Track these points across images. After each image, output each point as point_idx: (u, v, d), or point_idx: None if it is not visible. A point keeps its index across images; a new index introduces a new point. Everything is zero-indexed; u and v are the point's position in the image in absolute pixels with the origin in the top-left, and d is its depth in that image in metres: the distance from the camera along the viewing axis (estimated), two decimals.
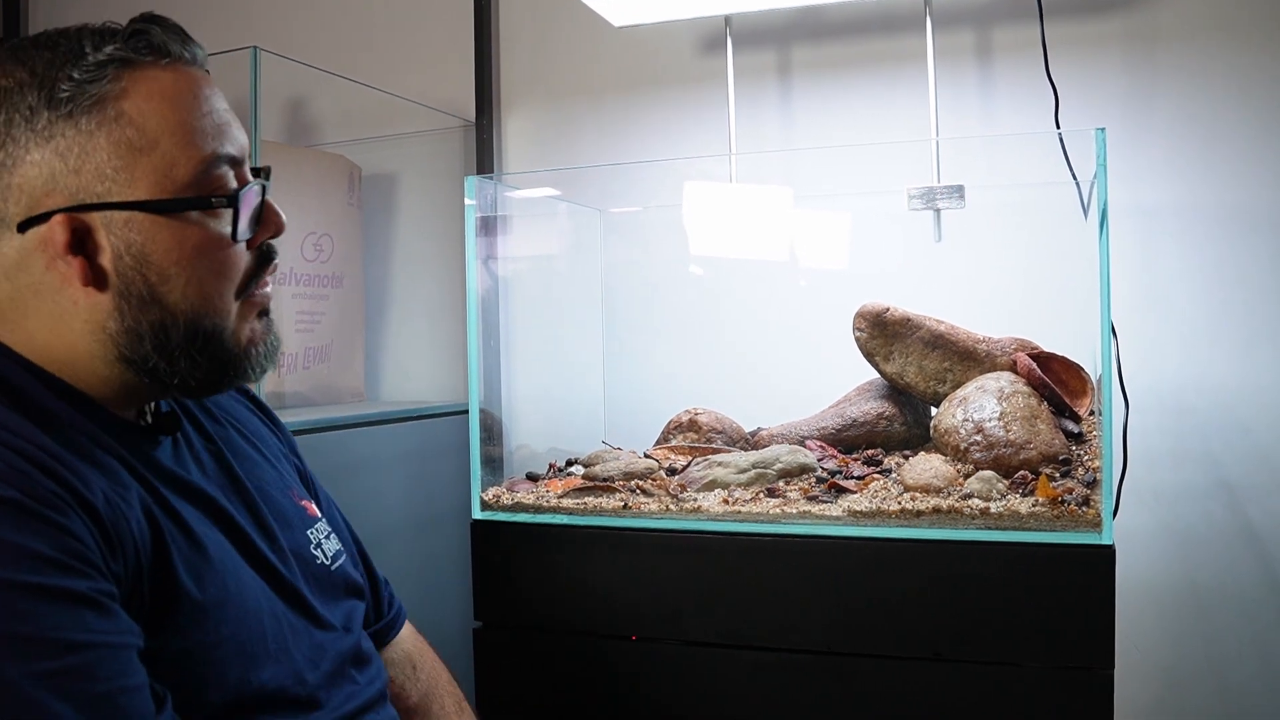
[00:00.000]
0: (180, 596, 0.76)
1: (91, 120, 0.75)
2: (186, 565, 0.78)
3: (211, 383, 0.84)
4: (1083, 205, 1.59)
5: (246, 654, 0.79)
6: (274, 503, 0.94)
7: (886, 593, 1.31)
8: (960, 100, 1.82)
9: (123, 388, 0.82)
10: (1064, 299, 1.63)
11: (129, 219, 0.76)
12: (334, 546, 1.00)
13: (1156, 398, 1.70)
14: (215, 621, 0.78)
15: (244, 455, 0.95)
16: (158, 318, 0.78)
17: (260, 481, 0.94)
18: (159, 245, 0.77)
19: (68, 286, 0.77)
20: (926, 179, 1.68)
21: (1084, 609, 1.22)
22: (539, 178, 2.08)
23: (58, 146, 0.75)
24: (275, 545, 0.90)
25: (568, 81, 2.12)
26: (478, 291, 1.63)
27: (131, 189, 0.76)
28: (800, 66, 1.94)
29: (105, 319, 0.78)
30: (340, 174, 2.05)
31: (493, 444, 1.70)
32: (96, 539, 0.70)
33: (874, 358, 1.61)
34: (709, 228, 1.85)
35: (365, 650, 0.97)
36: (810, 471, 1.50)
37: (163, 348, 0.79)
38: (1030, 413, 1.42)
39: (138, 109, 0.77)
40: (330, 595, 0.95)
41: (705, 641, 1.39)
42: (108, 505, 0.72)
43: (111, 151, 0.76)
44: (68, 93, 0.75)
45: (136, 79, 0.77)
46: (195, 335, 0.80)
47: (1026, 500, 1.30)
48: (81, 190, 0.76)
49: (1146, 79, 1.72)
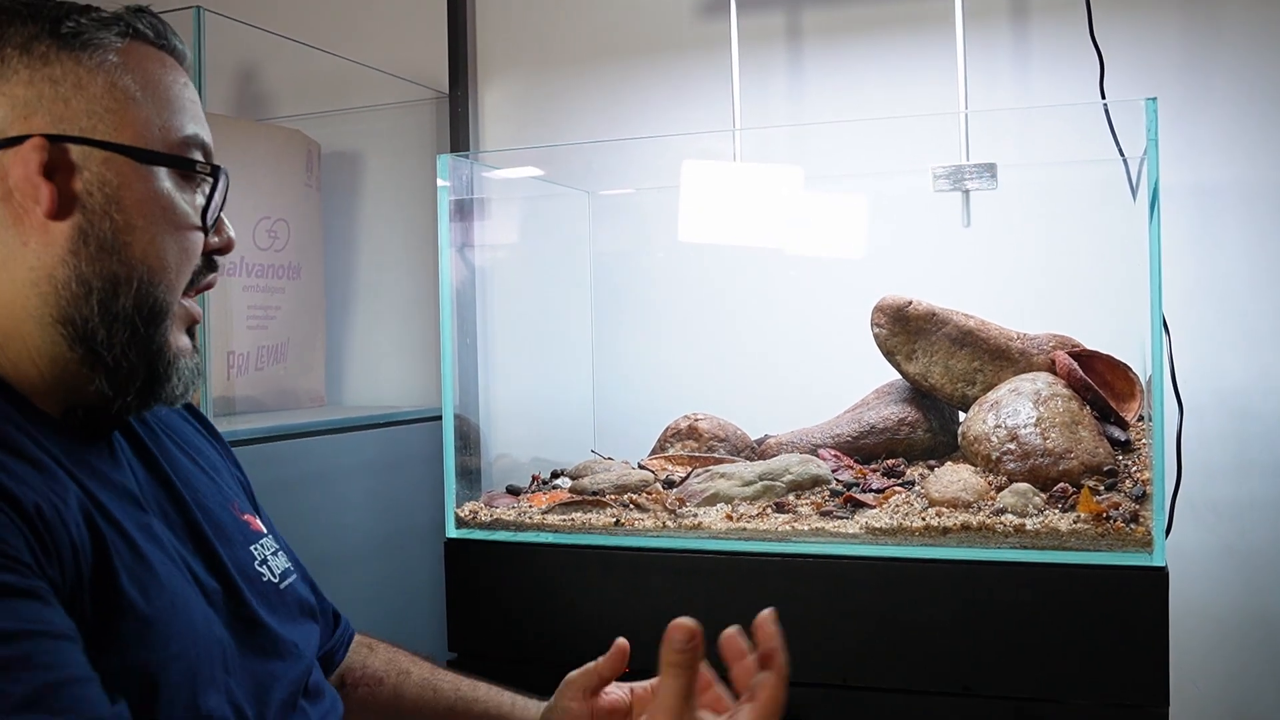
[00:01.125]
0: (125, 608, 0.76)
1: (93, 59, 0.83)
2: (130, 576, 0.77)
3: (136, 379, 0.84)
4: (1131, 185, 1.58)
5: (195, 677, 0.79)
6: (212, 516, 0.94)
7: (909, 619, 1.30)
8: (992, 67, 1.81)
9: (51, 366, 0.82)
10: (1109, 290, 1.62)
11: (108, 159, 0.82)
12: (281, 564, 1.00)
13: (1215, 401, 1.70)
14: (163, 638, 0.78)
15: (179, 465, 0.96)
16: (112, 269, 0.82)
17: (197, 494, 0.94)
18: (133, 193, 0.83)
19: (19, 224, 0.80)
20: (954, 157, 1.68)
21: (1133, 639, 1.22)
22: (520, 156, 2.08)
23: (52, 73, 0.81)
24: (215, 562, 0.90)
25: (552, 49, 2.11)
26: (452, 283, 1.63)
27: (117, 133, 0.82)
28: (812, 31, 1.93)
29: (55, 264, 0.80)
30: (297, 151, 2.04)
31: (469, 454, 1.69)
32: (29, 542, 0.70)
33: (895, 357, 1.61)
34: (710, 212, 1.85)
35: (317, 683, 0.97)
36: (823, 484, 1.50)
37: (107, 308, 0.82)
38: (1071, 418, 1.42)
39: (139, 67, 0.85)
40: (283, 616, 0.95)
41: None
42: (44, 506, 0.72)
43: (106, 92, 0.82)
44: (73, 29, 0.82)
45: (137, 46, 0.86)
46: (143, 303, 0.83)
47: (1067, 516, 1.29)
48: (65, 120, 0.81)
49: (1205, 43, 1.72)
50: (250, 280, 1.93)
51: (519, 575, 1.48)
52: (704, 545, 1.41)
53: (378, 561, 1.87)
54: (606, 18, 2.07)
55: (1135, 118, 1.31)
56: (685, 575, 1.40)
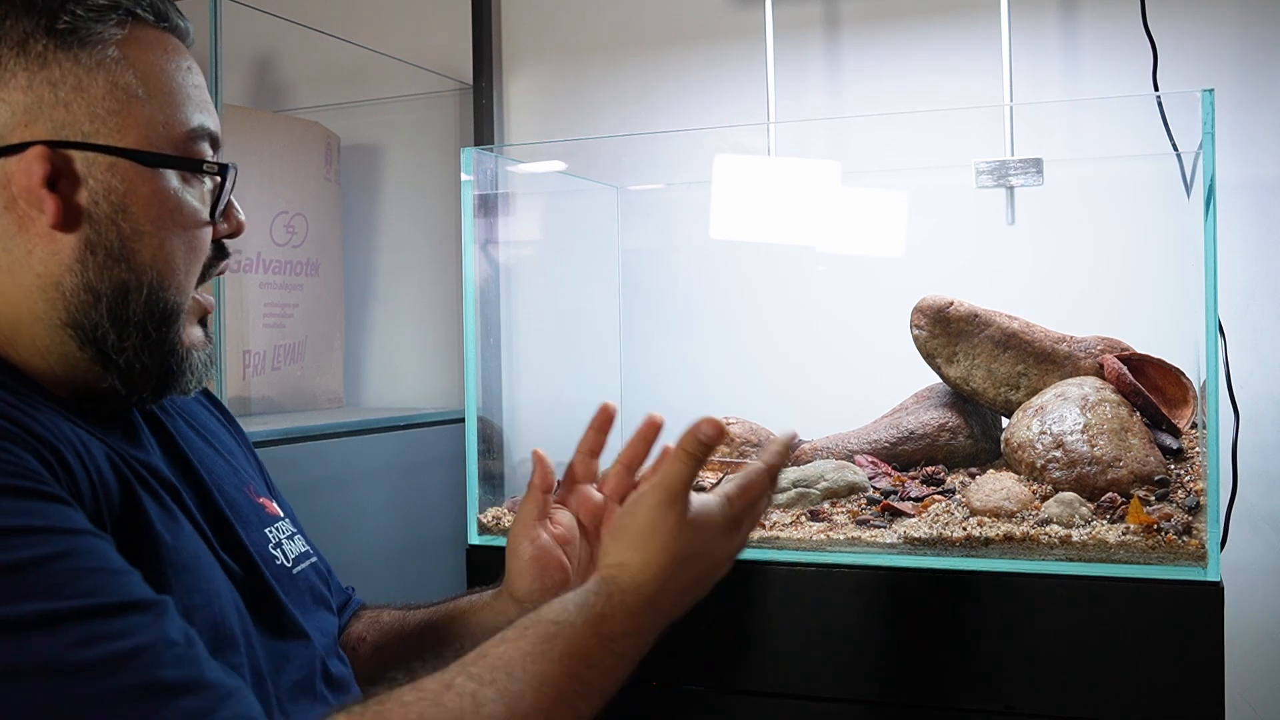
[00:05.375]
0: (157, 547, 0.78)
1: (92, 57, 0.81)
2: (161, 521, 0.80)
3: (150, 378, 0.86)
4: (1185, 181, 1.57)
5: (215, 631, 0.80)
6: (228, 497, 0.95)
7: (949, 634, 1.30)
8: (1040, 58, 1.80)
9: (60, 361, 0.83)
10: (1161, 291, 1.61)
11: (113, 164, 0.81)
12: (297, 548, 1.02)
13: (1273, 408, 1.68)
14: (188, 586, 0.79)
15: (195, 447, 0.97)
16: (121, 278, 0.82)
17: (213, 475, 0.96)
18: (139, 198, 0.82)
19: (24, 231, 0.80)
20: (998, 151, 1.67)
21: (1186, 658, 1.21)
22: (546, 149, 2.08)
23: (51, 76, 0.80)
24: (234, 540, 0.91)
25: (580, 38, 2.12)
26: (475, 281, 1.63)
27: (121, 135, 0.82)
28: (850, 20, 1.93)
29: (62, 273, 0.81)
30: (316, 144, 2.05)
31: (492, 458, 1.70)
32: (55, 471, 0.72)
33: (935, 360, 1.60)
34: (743, 208, 1.85)
35: (343, 677, 0.97)
36: (860, 491, 1.49)
37: (117, 315, 0.82)
38: (1120, 424, 1.40)
39: (140, 59, 0.83)
40: (295, 600, 0.96)
41: (738, 689, 1.39)
42: (64, 449, 0.74)
43: (108, 92, 0.81)
44: (69, 24, 0.80)
45: (138, 32, 0.84)
46: (154, 308, 0.84)
47: (1115, 527, 1.29)
48: (67, 126, 0.80)
49: (1264, 33, 1.70)
50: (267, 277, 1.94)
51: None
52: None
53: (397, 569, 1.88)
54: (636, 6, 2.07)
55: (1190, 110, 1.30)
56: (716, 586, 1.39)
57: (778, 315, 1.95)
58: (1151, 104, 1.62)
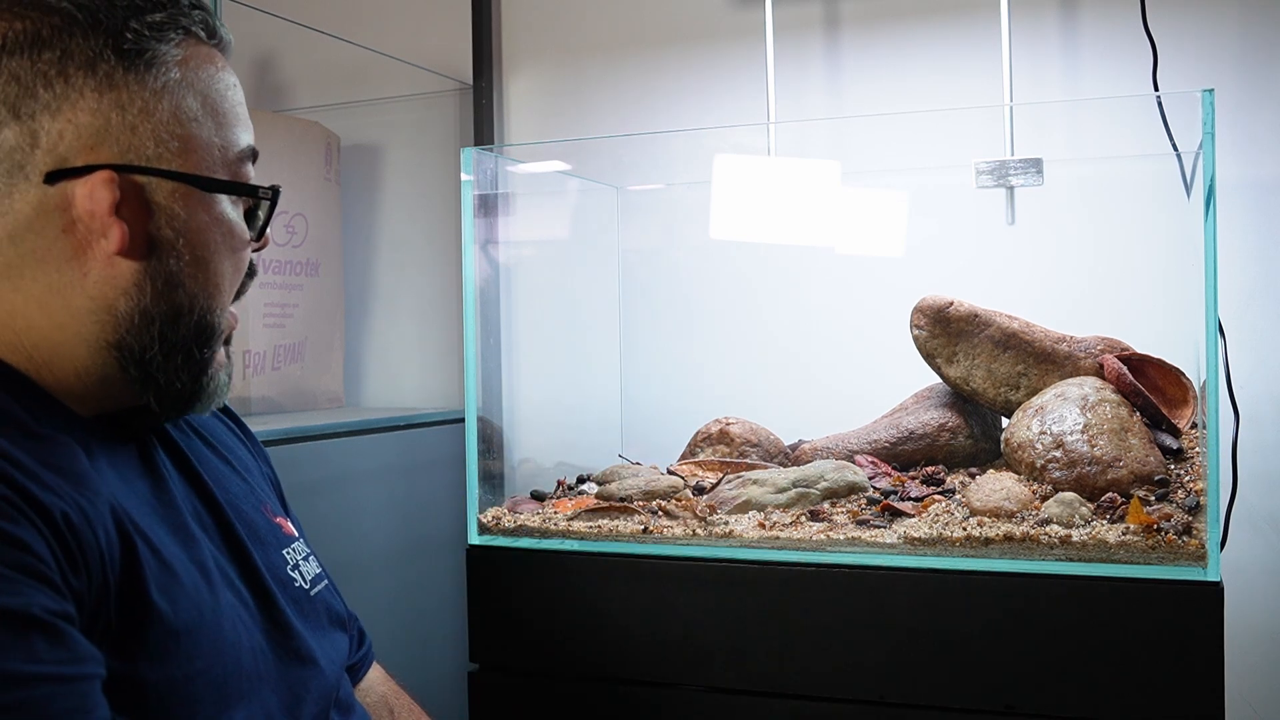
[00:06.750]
0: (153, 619, 0.77)
1: (158, 80, 0.81)
2: (158, 586, 0.78)
3: (184, 397, 0.86)
4: (1185, 181, 1.57)
5: (220, 691, 0.80)
6: (245, 518, 0.95)
7: (949, 634, 1.30)
8: (1039, 58, 1.81)
9: (97, 382, 0.83)
10: (1161, 291, 1.62)
11: (175, 190, 0.81)
12: (313, 570, 1.01)
13: (1273, 408, 1.68)
14: (188, 652, 0.78)
15: (212, 466, 0.97)
16: (177, 301, 0.83)
17: (230, 495, 0.95)
18: (199, 224, 0.83)
19: (81, 255, 0.79)
20: (998, 151, 1.67)
21: (1185, 658, 1.21)
22: (546, 149, 2.08)
23: (119, 98, 0.79)
24: (249, 565, 0.91)
25: (580, 38, 2.12)
26: (475, 281, 1.63)
27: (184, 160, 0.82)
28: (851, 20, 1.93)
29: (117, 297, 0.81)
30: (315, 144, 2.06)
31: (492, 458, 1.70)
32: (54, 550, 0.70)
33: (935, 360, 1.61)
34: (743, 208, 1.85)
35: (348, 697, 0.97)
36: (860, 491, 1.50)
37: (167, 338, 0.82)
38: (1120, 425, 1.41)
39: (197, 80, 0.83)
40: (313, 624, 0.96)
41: (738, 689, 1.39)
42: (72, 514, 0.73)
43: (172, 116, 0.81)
44: (134, 45, 0.80)
45: (193, 50, 0.84)
46: (201, 329, 0.85)
47: (1115, 528, 1.29)
48: (133, 150, 0.80)
49: (1264, 33, 1.70)
50: (267, 277, 1.95)
51: (543, 584, 1.48)
52: (735, 554, 1.41)
53: (397, 569, 1.88)
54: (636, 6, 2.07)
55: (1190, 110, 1.31)
56: (716, 585, 1.40)
57: (778, 315, 1.95)
58: (1151, 104, 1.63)
